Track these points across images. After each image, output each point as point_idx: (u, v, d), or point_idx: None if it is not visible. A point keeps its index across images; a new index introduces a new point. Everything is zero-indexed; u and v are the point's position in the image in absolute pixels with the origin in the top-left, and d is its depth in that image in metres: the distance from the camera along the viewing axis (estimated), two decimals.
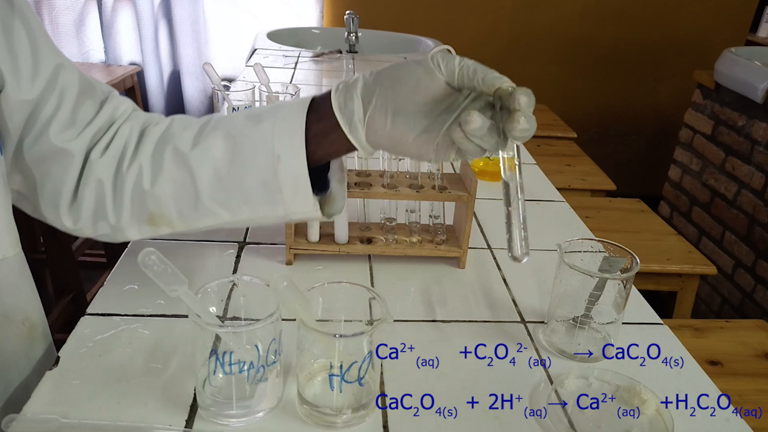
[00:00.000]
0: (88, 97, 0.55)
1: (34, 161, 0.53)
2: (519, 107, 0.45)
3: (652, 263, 1.39)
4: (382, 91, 0.49)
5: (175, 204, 0.55)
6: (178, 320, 0.62)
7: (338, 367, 0.49)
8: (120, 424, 0.49)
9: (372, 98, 0.49)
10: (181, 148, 0.54)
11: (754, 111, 1.86)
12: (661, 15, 2.68)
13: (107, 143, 0.55)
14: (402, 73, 0.49)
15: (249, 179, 0.53)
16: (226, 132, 0.53)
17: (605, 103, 2.84)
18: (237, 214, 0.55)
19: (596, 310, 0.61)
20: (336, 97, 0.51)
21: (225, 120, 0.55)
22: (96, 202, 0.55)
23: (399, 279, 0.73)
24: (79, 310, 0.67)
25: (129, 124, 0.57)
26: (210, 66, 1.00)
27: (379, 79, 0.50)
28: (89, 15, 2.39)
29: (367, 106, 0.50)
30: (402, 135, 0.49)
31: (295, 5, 2.47)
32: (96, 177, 0.54)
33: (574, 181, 1.81)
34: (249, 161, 0.52)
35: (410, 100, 0.49)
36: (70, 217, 0.56)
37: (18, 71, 0.50)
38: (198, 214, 0.55)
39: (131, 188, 0.54)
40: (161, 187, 0.54)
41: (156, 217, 0.55)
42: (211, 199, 0.54)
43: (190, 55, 2.44)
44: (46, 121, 0.52)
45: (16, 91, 0.50)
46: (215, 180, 0.53)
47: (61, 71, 0.53)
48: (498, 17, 2.64)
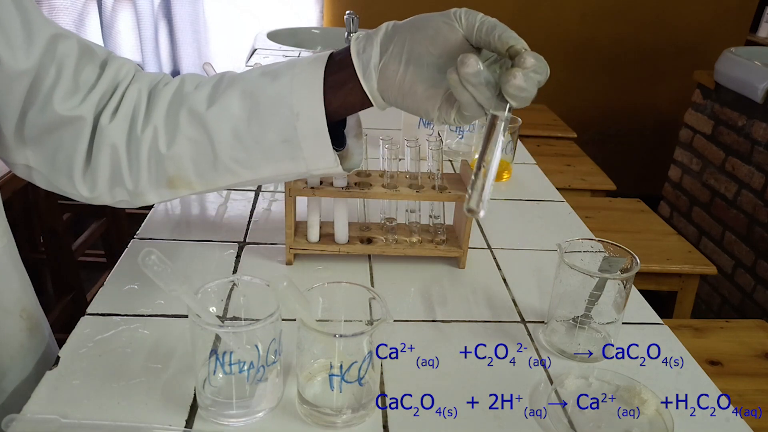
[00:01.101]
0: (89, 61, 0.54)
1: (42, 132, 0.52)
2: (522, 65, 0.44)
3: (652, 263, 1.39)
4: (400, 38, 0.49)
5: (194, 165, 0.54)
6: (178, 320, 0.62)
7: (338, 367, 0.49)
8: (120, 424, 0.49)
9: (390, 45, 0.49)
10: (197, 108, 0.52)
11: (754, 111, 1.86)
12: (661, 15, 2.68)
13: (115, 107, 0.54)
14: (422, 23, 0.48)
15: (269, 137, 0.52)
16: (243, 89, 0.52)
17: (605, 103, 2.84)
18: (258, 172, 0.54)
19: (596, 310, 0.61)
20: (356, 44, 0.51)
21: (239, 77, 0.54)
22: (111, 168, 0.54)
23: (399, 279, 0.73)
24: (79, 310, 0.67)
25: (136, 85, 0.55)
26: (210, 66, 1.00)
27: (400, 27, 0.50)
28: (89, 15, 2.39)
29: (384, 53, 0.49)
30: (411, 85, 0.49)
31: (295, 5, 2.47)
32: (109, 142, 0.53)
33: (574, 181, 1.81)
34: (268, 119, 0.51)
35: (426, 50, 0.48)
36: (85, 185, 0.55)
37: (9, 41, 0.48)
38: (218, 173, 0.54)
39: (147, 151, 0.53)
40: (179, 149, 0.53)
41: (175, 180, 0.55)
42: (231, 159, 0.53)
43: (190, 55, 2.44)
44: (49, 91, 0.51)
45: (12, 61, 0.48)
46: (234, 139, 0.52)
47: (59, 40, 0.51)
48: (498, 17, 2.61)
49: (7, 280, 0.57)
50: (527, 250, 0.82)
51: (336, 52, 0.52)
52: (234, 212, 0.86)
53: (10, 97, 0.50)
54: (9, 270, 0.58)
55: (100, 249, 1.99)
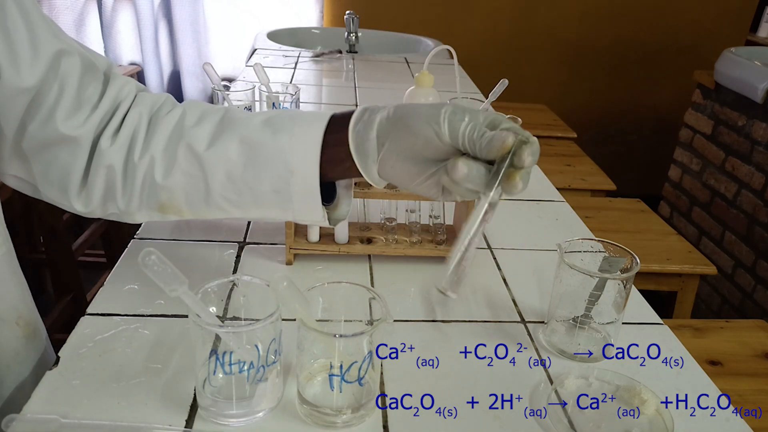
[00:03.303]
0: (91, 78, 0.54)
1: (41, 146, 0.53)
2: (521, 165, 0.45)
3: (652, 263, 1.39)
4: (395, 135, 0.50)
5: (186, 197, 0.55)
6: (178, 320, 0.62)
7: (338, 367, 0.49)
8: (120, 424, 0.49)
9: (386, 141, 0.50)
10: (196, 147, 0.53)
11: (754, 111, 1.86)
12: (661, 15, 2.68)
13: (115, 129, 0.55)
14: (415, 127, 0.49)
15: (261, 186, 0.53)
16: (243, 136, 0.53)
17: (605, 103, 2.84)
18: (247, 212, 0.56)
19: (596, 310, 0.61)
20: (353, 138, 0.51)
21: (240, 122, 0.55)
22: (105, 187, 0.55)
23: (399, 279, 0.73)
24: (79, 310, 0.67)
25: (137, 109, 0.56)
26: (210, 66, 1.00)
27: (395, 124, 0.50)
28: (89, 15, 2.40)
29: (380, 148, 0.51)
30: (411, 178, 0.51)
31: (295, 5, 2.48)
32: (106, 163, 0.54)
33: (574, 181, 1.81)
34: (263, 170, 0.53)
35: (419, 153, 0.49)
36: (80, 201, 0.56)
37: (16, 57, 0.48)
38: (208, 208, 0.56)
39: (142, 178, 0.54)
40: (173, 182, 0.54)
41: (166, 207, 0.56)
42: (222, 198, 0.55)
43: (190, 55, 2.44)
44: (51, 108, 0.51)
45: (15, 78, 0.48)
46: (227, 181, 0.54)
47: (63, 57, 0.51)
48: (498, 17, 2.64)
49: (4, 287, 0.57)
50: (527, 250, 0.82)
51: (338, 119, 0.53)
52: None
53: (10, 112, 0.50)
54: (7, 278, 0.58)
55: (100, 249, 2.00)
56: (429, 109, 0.49)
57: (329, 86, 1.71)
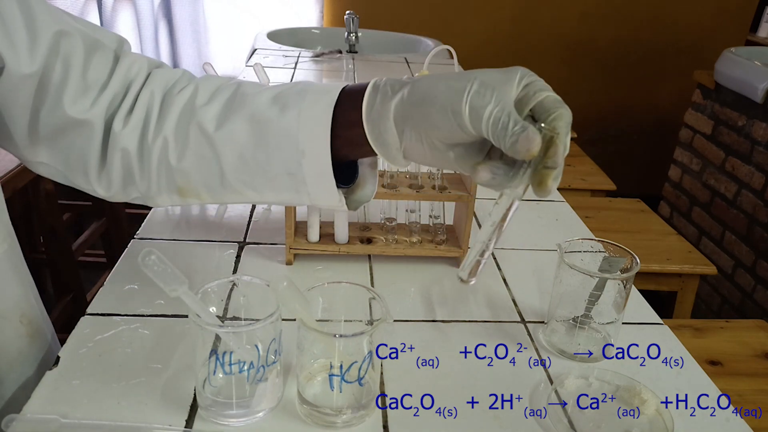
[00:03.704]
0: (98, 56, 0.52)
1: (55, 131, 0.52)
2: (555, 165, 0.44)
3: (652, 263, 1.39)
4: (414, 123, 0.46)
5: (203, 179, 0.54)
6: (178, 320, 0.62)
7: (338, 367, 0.49)
8: (120, 424, 0.49)
9: (405, 128, 0.47)
10: (206, 127, 0.52)
11: (754, 111, 1.86)
12: (661, 15, 2.68)
13: (128, 111, 0.53)
14: (434, 117, 0.45)
15: (273, 167, 0.51)
16: (252, 114, 0.51)
17: (605, 103, 2.84)
18: (262, 195, 0.54)
19: (596, 310, 0.61)
20: (370, 129, 0.48)
21: (250, 98, 0.52)
22: (124, 171, 0.54)
23: (399, 279, 0.73)
24: (79, 310, 0.67)
25: (149, 88, 0.54)
26: (210, 66, 1.00)
27: (412, 112, 0.46)
28: (89, 15, 2.39)
29: (401, 136, 0.47)
30: (440, 162, 0.49)
31: (295, 5, 2.48)
32: (121, 146, 0.52)
33: (574, 181, 1.81)
34: (273, 150, 0.51)
35: (443, 144, 0.47)
36: (101, 185, 0.55)
37: (14, 44, 0.47)
38: (225, 191, 0.54)
39: (157, 160, 0.53)
40: (188, 164, 0.53)
41: (184, 190, 0.55)
42: (236, 179, 0.53)
43: (190, 55, 2.44)
44: (57, 91, 0.50)
45: (17, 65, 0.47)
46: (240, 162, 0.52)
47: (62, 38, 0.49)
48: (498, 17, 2.64)
49: (6, 285, 0.57)
50: (527, 250, 0.82)
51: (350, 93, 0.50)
52: (234, 212, 0.86)
53: (19, 99, 0.49)
54: (9, 275, 0.57)
55: (100, 249, 2.00)
56: (448, 91, 0.44)
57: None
